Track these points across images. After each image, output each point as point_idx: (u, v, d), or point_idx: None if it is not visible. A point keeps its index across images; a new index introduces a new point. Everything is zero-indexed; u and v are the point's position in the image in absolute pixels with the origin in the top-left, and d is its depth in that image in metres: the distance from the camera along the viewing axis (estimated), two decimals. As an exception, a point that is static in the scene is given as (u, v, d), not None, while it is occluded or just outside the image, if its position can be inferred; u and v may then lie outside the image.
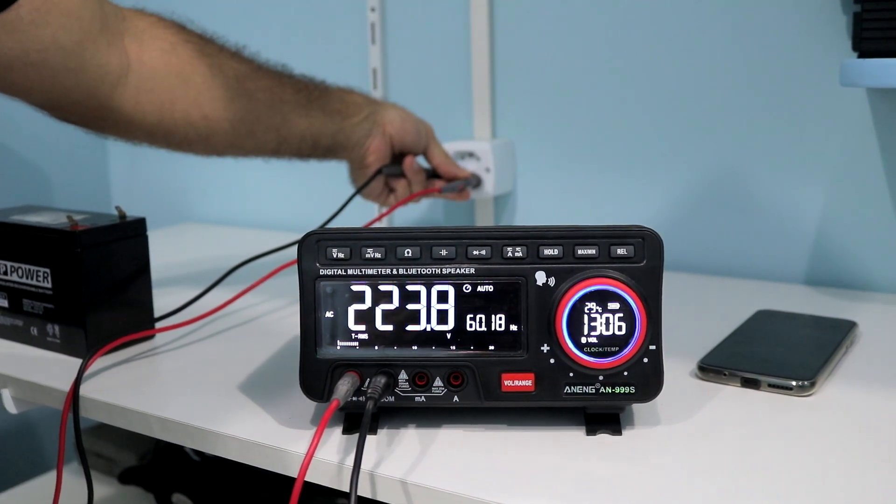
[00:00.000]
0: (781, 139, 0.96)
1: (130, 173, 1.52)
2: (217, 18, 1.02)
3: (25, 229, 0.77)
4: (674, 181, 1.03)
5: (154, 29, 0.82)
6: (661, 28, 1.01)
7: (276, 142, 0.91)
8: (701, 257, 1.03)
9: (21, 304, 0.78)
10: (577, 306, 0.57)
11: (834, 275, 0.96)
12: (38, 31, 0.70)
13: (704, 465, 0.55)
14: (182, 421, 0.63)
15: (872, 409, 0.63)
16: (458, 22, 1.13)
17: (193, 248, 1.25)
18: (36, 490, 1.13)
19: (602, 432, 0.59)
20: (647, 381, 0.58)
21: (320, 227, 0.65)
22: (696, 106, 1.01)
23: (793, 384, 0.64)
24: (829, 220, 0.95)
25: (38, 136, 1.37)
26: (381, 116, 0.97)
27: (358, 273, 0.58)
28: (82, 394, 0.68)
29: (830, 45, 0.91)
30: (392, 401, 0.58)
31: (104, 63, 0.76)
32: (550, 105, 1.10)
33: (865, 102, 0.91)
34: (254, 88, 0.88)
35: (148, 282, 0.79)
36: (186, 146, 0.88)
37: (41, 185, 1.40)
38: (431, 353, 0.58)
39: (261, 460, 0.59)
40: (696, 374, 0.69)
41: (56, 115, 0.81)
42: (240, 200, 1.41)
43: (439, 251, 0.58)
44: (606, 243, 0.57)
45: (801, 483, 0.52)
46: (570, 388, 0.58)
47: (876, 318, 0.82)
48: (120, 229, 0.76)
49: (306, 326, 0.58)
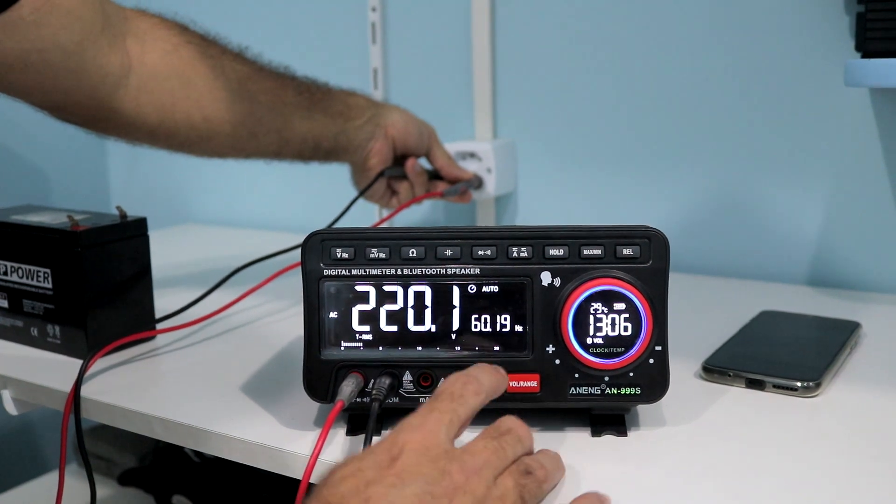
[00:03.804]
0: (784, 140, 0.96)
1: (130, 173, 1.51)
2: (219, 19, 1.02)
3: (26, 229, 0.76)
4: (676, 182, 1.03)
5: (156, 30, 0.82)
6: (663, 28, 1.01)
7: (277, 144, 0.91)
8: (703, 258, 1.02)
9: (21, 305, 0.78)
10: (583, 307, 0.56)
11: (837, 276, 0.96)
12: (39, 32, 0.70)
13: (710, 466, 0.54)
14: (184, 422, 0.63)
15: (878, 409, 0.62)
16: (459, 21, 1.13)
17: (193, 249, 1.24)
18: (36, 491, 1.13)
19: (607, 433, 0.58)
20: (653, 382, 0.57)
21: (325, 228, 0.65)
22: (698, 106, 1.01)
23: (798, 385, 0.64)
24: (833, 221, 0.95)
25: (38, 136, 1.37)
26: (384, 119, 0.96)
27: (362, 273, 0.58)
28: (83, 395, 0.67)
29: (833, 47, 0.91)
30: (397, 402, 0.58)
31: (105, 64, 0.76)
32: (552, 105, 1.10)
33: (868, 103, 0.91)
34: (256, 90, 0.87)
35: (149, 282, 0.79)
36: (187, 147, 0.87)
37: (40, 185, 1.40)
38: (436, 353, 0.58)
39: (264, 462, 0.59)
40: (700, 376, 0.68)
41: (56, 116, 0.81)
42: (240, 201, 1.41)
43: (444, 251, 0.58)
44: (612, 243, 0.57)
45: (807, 484, 0.52)
46: (575, 389, 0.58)
47: (880, 318, 0.82)
48: (121, 229, 0.76)
49: (310, 327, 0.58)
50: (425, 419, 0.48)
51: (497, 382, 0.53)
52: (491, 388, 0.52)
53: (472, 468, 0.46)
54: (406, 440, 0.46)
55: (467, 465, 0.46)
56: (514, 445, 0.50)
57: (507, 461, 0.49)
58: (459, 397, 0.49)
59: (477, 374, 0.52)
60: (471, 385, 0.50)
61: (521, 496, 0.47)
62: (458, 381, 0.51)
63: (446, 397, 0.49)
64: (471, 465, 0.46)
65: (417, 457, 0.45)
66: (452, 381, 0.51)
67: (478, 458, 0.47)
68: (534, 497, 0.49)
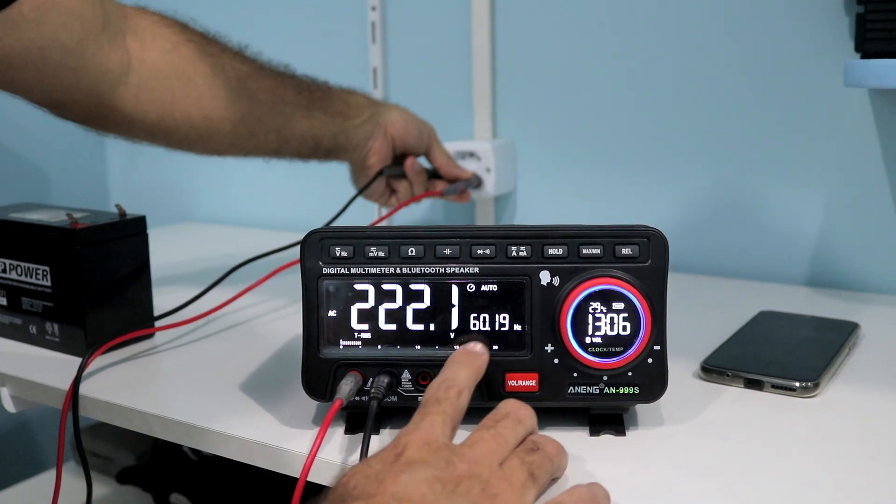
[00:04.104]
0: (784, 140, 0.96)
1: (129, 171, 1.51)
2: (219, 17, 1.02)
3: (25, 227, 0.76)
4: (675, 182, 1.03)
5: (156, 28, 0.82)
6: (663, 28, 1.01)
7: (276, 142, 0.91)
8: (702, 258, 1.03)
9: (20, 303, 0.78)
10: (582, 306, 0.56)
11: (836, 276, 0.96)
12: (40, 30, 0.70)
13: (708, 466, 0.54)
14: (183, 420, 0.63)
15: (876, 410, 0.62)
16: (459, 21, 1.13)
17: (192, 248, 1.24)
18: (34, 489, 1.13)
19: (606, 433, 0.58)
20: (652, 382, 0.57)
21: (324, 226, 0.65)
22: (697, 106, 1.01)
23: (796, 385, 0.64)
24: (831, 222, 0.95)
25: (37, 134, 1.37)
26: (384, 118, 0.96)
27: (361, 272, 0.58)
28: (82, 393, 0.67)
29: (833, 47, 0.91)
30: (395, 400, 0.58)
31: (105, 62, 0.76)
32: (551, 105, 1.10)
33: (867, 104, 0.91)
34: (255, 89, 0.87)
35: (148, 280, 0.79)
36: (187, 146, 0.87)
37: (39, 183, 1.40)
38: (435, 352, 0.58)
39: (262, 460, 0.59)
40: (699, 375, 0.68)
41: (56, 113, 0.80)
42: (239, 200, 1.41)
43: (443, 250, 0.58)
44: (611, 243, 0.57)
45: (805, 484, 0.52)
46: (574, 389, 0.58)
47: (878, 319, 0.82)
48: (120, 227, 0.76)
49: (309, 325, 0.58)
50: (420, 423, 0.49)
51: (474, 371, 0.54)
52: (470, 380, 0.53)
53: (472, 458, 0.47)
54: (407, 440, 0.47)
55: (468, 456, 0.47)
56: (515, 428, 0.50)
57: (508, 445, 0.49)
58: (445, 401, 0.51)
59: (452, 376, 0.53)
60: (451, 389, 0.52)
61: (530, 473, 0.48)
62: (440, 388, 0.52)
63: (432, 403, 0.51)
64: (471, 455, 0.47)
65: (421, 450, 0.46)
66: (434, 389, 0.52)
67: (477, 448, 0.48)
68: (545, 472, 0.49)
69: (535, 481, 0.48)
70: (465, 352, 0.56)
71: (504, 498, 0.45)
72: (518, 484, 0.47)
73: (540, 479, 0.48)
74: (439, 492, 0.44)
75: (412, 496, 0.43)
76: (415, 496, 0.43)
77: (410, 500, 0.43)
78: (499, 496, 0.45)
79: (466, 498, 0.44)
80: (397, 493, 0.43)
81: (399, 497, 0.43)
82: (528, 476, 0.48)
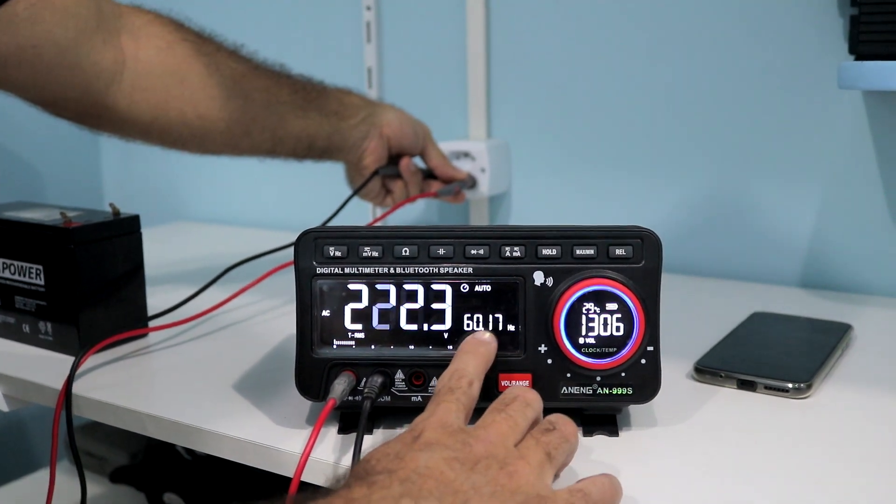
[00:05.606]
0: (777, 141, 0.96)
1: (123, 170, 1.51)
2: (214, 16, 1.02)
3: (18, 225, 0.76)
4: (669, 183, 1.03)
5: (150, 26, 0.82)
6: (657, 29, 1.01)
7: (271, 142, 0.91)
8: (696, 259, 1.03)
9: (13, 301, 0.78)
10: (575, 307, 0.56)
11: (829, 278, 0.96)
12: (34, 28, 0.70)
13: (701, 466, 0.54)
14: (176, 419, 0.62)
15: (868, 411, 0.63)
16: (453, 21, 1.13)
17: (186, 247, 1.24)
18: (26, 489, 1.13)
19: (599, 433, 0.59)
20: (645, 382, 0.58)
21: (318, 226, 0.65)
22: (690, 109, 1.01)
23: (789, 386, 0.64)
24: (825, 223, 0.96)
25: (31, 133, 1.36)
26: (379, 118, 0.96)
27: (355, 272, 0.58)
28: (75, 392, 0.67)
29: (827, 49, 0.91)
30: (388, 400, 0.58)
31: (99, 60, 0.76)
32: (546, 105, 1.10)
33: (861, 105, 0.91)
34: (250, 88, 0.87)
35: (141, 280, 0.79)
36: (181, 145, 0.87)
37: (33, 182, 1.39)
38: (428, 352, 0.58)
39: (255, 460, 0.59)
40: (692, 376, 0.69)
41: (50, 111, 0.80)
42: (233, 199, 1.41)
43: (437, 250, 0.58)
44: (605, 244, 0.57)
45: (797, 485, 0.52)
46: (567, 389, 0.58)
47: (871, 320, 0.82)
48: (114, 226, 0.76)
49: (302, 325, 0.58)
50: (434, 410, 0.50)
51: (483, 360, 0.55)
52: (479, 369, 0.54)
53: (488, 439, 0.48)
54: (424, 424, 0.49)
55: (483, 437, 0.48)
56: (524, 410, 0.51)
57: (519, 427, 0.50)
58: (457, 389, 0.52)
59: (463, 367, 0.53)
60: (463, 379, 0.52)
61: (546, 452, 0.49)
62: (452, 378, 0.53)
63: (445, 392, 0.52)
64: (486, 436, 0.48)
65: (438, 432, 0.48)
66: (446, 379, 0.53)
67: (491, 429, 0.48)
68: (561, 451, 0.50)
69: (552, 461, 0.49)
70: (473, 340, 0.56)
71: (522, 475, 0.46)
72: (535, 463, 0.47)
73: (557, 458, 0.49)
74: (458, 469, 0.45)
75: (433, 470, 0.44)
76: (435, 471, 0.44)
77: (431, 474, 0.44)
78: (517, 473, 0.46)
79: (485, 475, 0.45)
80: (418, 468, 0.44)
81: (420, 472, 0.44)
82: (545, 455, 0.48)
